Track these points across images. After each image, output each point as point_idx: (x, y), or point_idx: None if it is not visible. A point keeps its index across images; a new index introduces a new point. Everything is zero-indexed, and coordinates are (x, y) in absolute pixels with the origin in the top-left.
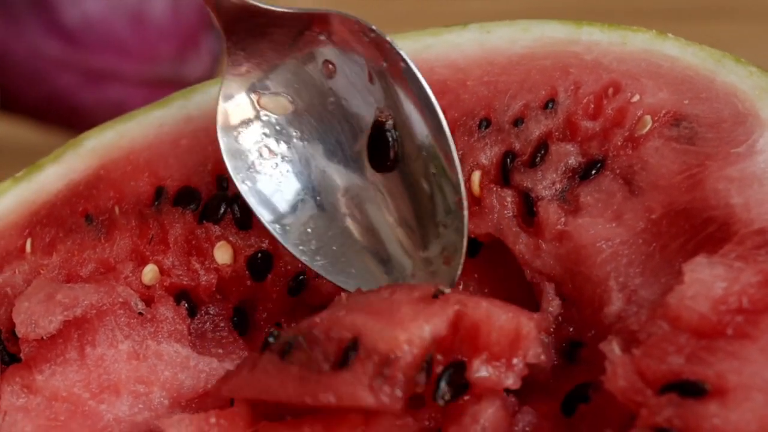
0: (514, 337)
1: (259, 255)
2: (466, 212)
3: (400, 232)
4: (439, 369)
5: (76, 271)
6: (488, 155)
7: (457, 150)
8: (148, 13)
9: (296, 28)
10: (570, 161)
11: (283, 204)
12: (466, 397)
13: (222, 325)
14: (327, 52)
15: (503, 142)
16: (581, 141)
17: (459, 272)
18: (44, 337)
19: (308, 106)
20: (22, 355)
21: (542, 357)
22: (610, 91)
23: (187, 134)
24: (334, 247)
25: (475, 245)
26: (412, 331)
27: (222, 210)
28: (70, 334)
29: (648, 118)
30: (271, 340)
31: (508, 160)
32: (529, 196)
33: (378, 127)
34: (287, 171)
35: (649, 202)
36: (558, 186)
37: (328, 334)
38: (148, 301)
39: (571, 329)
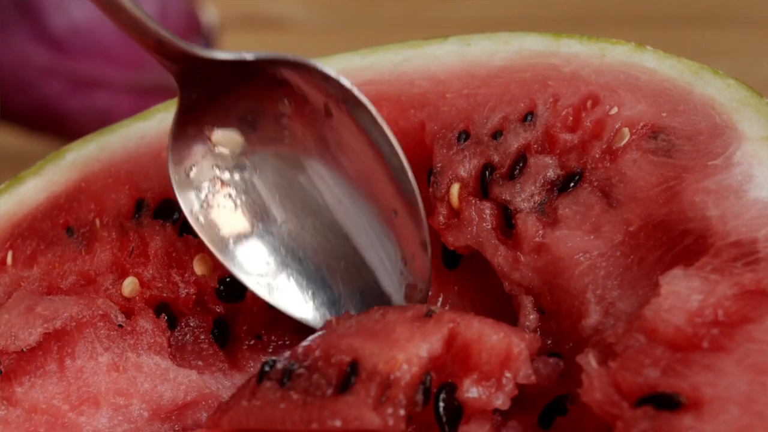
0: (505, 357)
1: (228, 279)
2: (429, 251)
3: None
4: (434, 389)
5: (56, 284)
6: (467, 168)
7: (436, 163)
8: None
9: (249, 71)
10: (548, 174)
11: (238, 237)
12: (463, 426)
13: (202, 337)
14: (282, 90)
15: (482, 154)
16: (560, 153)
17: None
18: (24, 350)
19: (262, 140)
20: (1, 367)
21: (532, 378)
22: (589, 103)
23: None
24: (291, 280)
25: (454, 258)
26: (410, 350)
27: None
28: (49, 347)
29: (626, 130)
30: (267, 369)
31: (487, 172)
32: (508, 208)
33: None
34: (241, 202)
35: (626, 215)
36: (536, 198)
37: (328, 359)
38: (128, 314)
39: (549, 341)
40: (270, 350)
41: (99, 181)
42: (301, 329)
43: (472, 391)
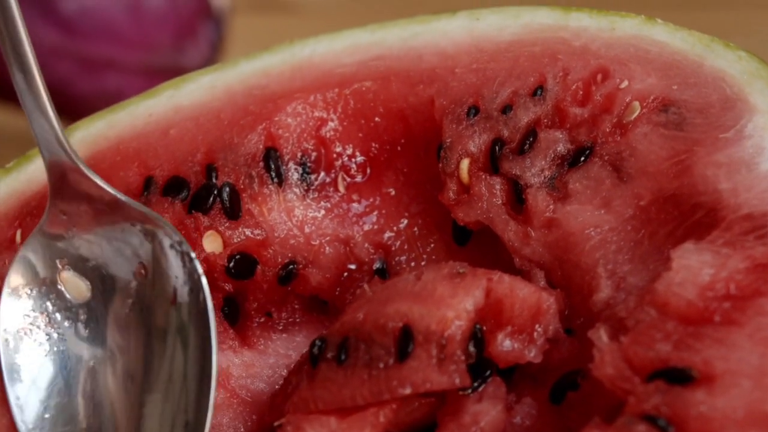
0: (536, 311)
1: (238, 257)
2: None
3: None
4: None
5: None
6: (477, 143)
7: (446, 138)
8: (145, 2)
9: (126, 218)
10: (559, 148)
11: (43, 383)
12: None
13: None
14: (145, 254)
15: (492, 129)
16: (570, 128)
17: None
18: None
19: (104, 301)
20: None
21: (561, 332)
22: (599, 77)
23: (176, 124)
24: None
25: (464, 233)
26: (457, 306)
27: (211, 200)
28: None
29: (636, 104)
30: (315, 351)
31: (497, 147)
32: (518, 183)
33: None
34: (55, 350)
35: (637, 189)
36: (547, 173)
37: (380, 328)
38: None
39: None
40: (280, 327)
41: (107, 159)
42: (312, 307)
43: (505, 345)
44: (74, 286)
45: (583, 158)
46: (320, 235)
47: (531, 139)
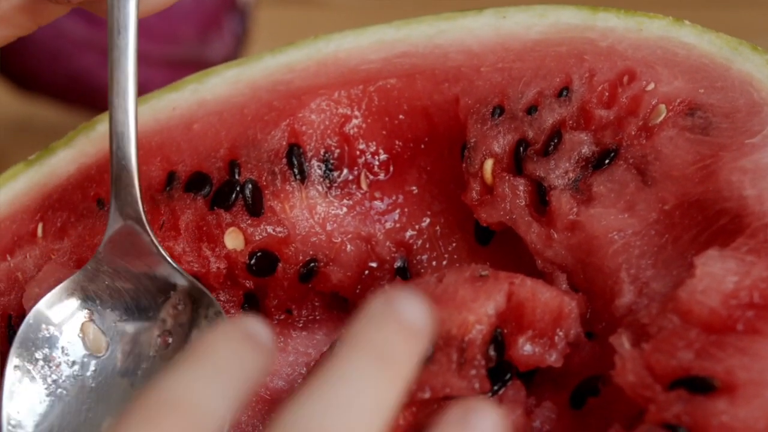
0: (557, 315)
1: (259, 254)
2: None
3: None
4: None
5: (87, 257)
6: (501, 143)
7: (470, 138)
8: None
9: (170, 286)
10: (583, 150)
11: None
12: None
13: (233, 312)
14: (175, 322)
15: (516, 130)
16: (595, 130)
17: None
18: None
19: (120, 362)
20: None
21: (581, 336)
22: (625, 79)
23: (200, 118)
24: None
25: (487, 233)
26: (478, 310)
27: (233, 196)
28: None
29: (662, 107)
30: None
31: (521, 148)
32: (542, 185)
33: None
34: (57, 394)
35: (662, 193)
36: (571, 175)
37: None
38: None
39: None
40: (300, 325)
41: None
42: (332, 304)
43: (526, 348)
44: (95, 339)
45: (607, 161)
46: (342, 232)
47: (556, 140)
